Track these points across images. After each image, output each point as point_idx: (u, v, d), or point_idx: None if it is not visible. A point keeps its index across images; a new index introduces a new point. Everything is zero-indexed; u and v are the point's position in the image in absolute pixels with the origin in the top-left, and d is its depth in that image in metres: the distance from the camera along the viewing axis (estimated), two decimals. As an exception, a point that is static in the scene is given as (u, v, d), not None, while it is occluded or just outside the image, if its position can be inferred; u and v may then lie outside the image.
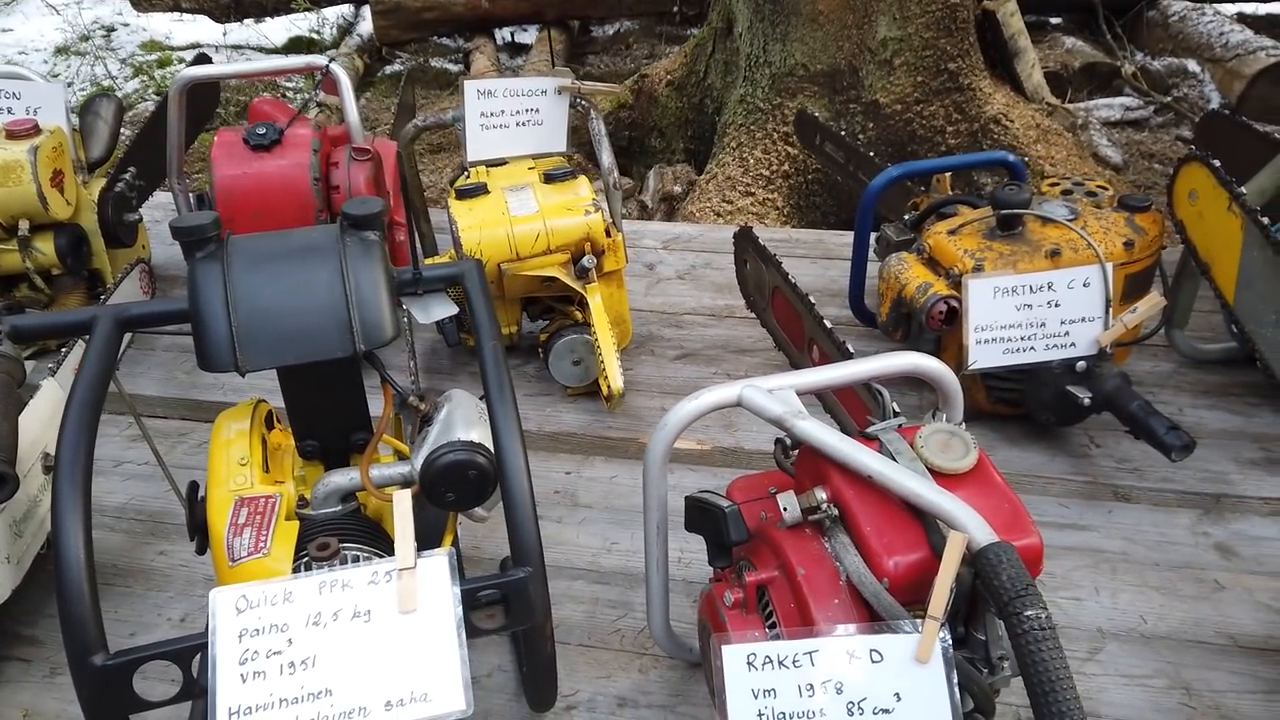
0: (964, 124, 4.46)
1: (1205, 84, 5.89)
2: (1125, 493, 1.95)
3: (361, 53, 6.88)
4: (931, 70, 4.34)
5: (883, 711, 1.13)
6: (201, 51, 3.07)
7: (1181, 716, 1.51)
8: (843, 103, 4.40)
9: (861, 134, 4.42)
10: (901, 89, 4.34)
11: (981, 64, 4.54)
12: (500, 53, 6.93)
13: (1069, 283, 1.85)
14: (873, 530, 1.22)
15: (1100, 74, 5.99)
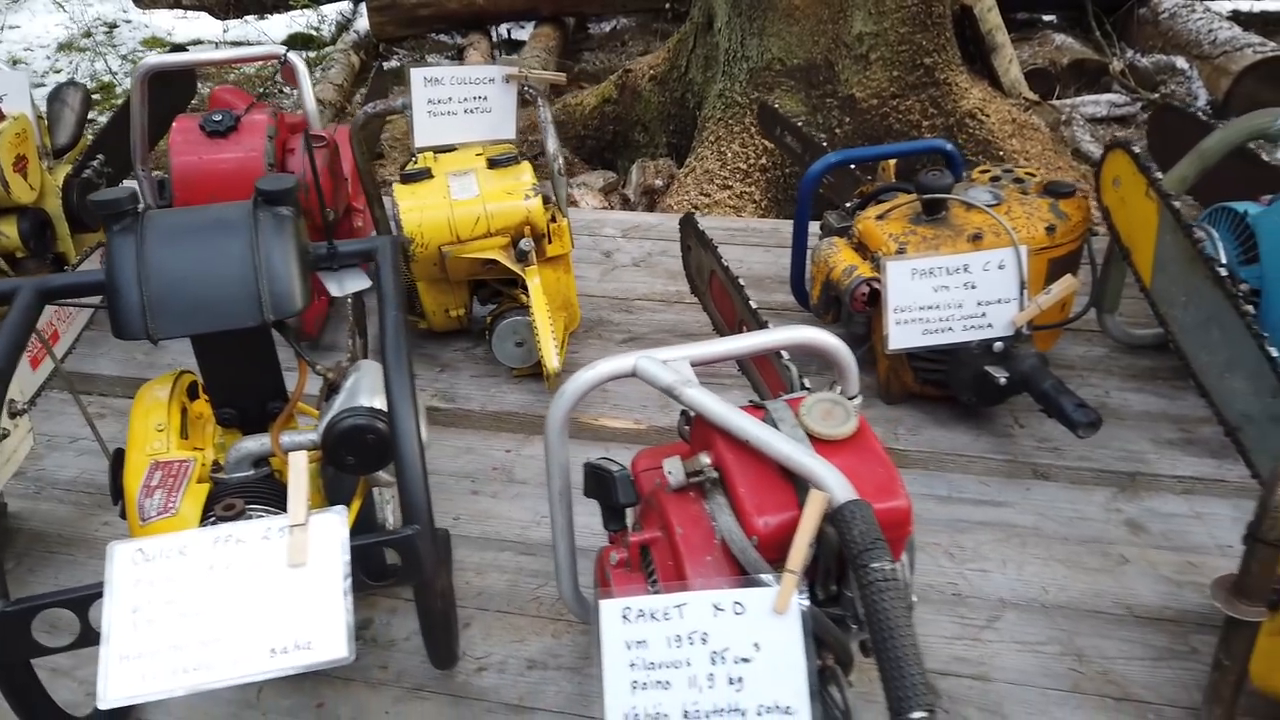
0: (940, 118, 4.49)
1: (1193, 81, 5.91)
2: (1044, 471, 2.00)
3: (358, 49, 6.94)
4: (907, 65, 4.37)
5: (743, 660, 1.18)
6: (175, 44, 3.14)
7: (1068, 681, 1.56)
8: (819, 97, 4.44)
9: (838, 128, 4.46)
10: (877, 84, 4.37)
11: (958, 59, 4.57)
12: (496, 49, 6.99)
13: (984, 265, 1.90)
14: (747, 491, 1.27)
15: (1089, 71, 6.01)
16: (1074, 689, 1.55)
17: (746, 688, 1.17)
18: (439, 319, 2.34)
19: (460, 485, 2.04)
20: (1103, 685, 1.55)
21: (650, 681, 1.20)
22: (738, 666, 1.18)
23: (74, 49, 7.59)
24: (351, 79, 6.47)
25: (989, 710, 1.52)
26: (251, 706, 1.55)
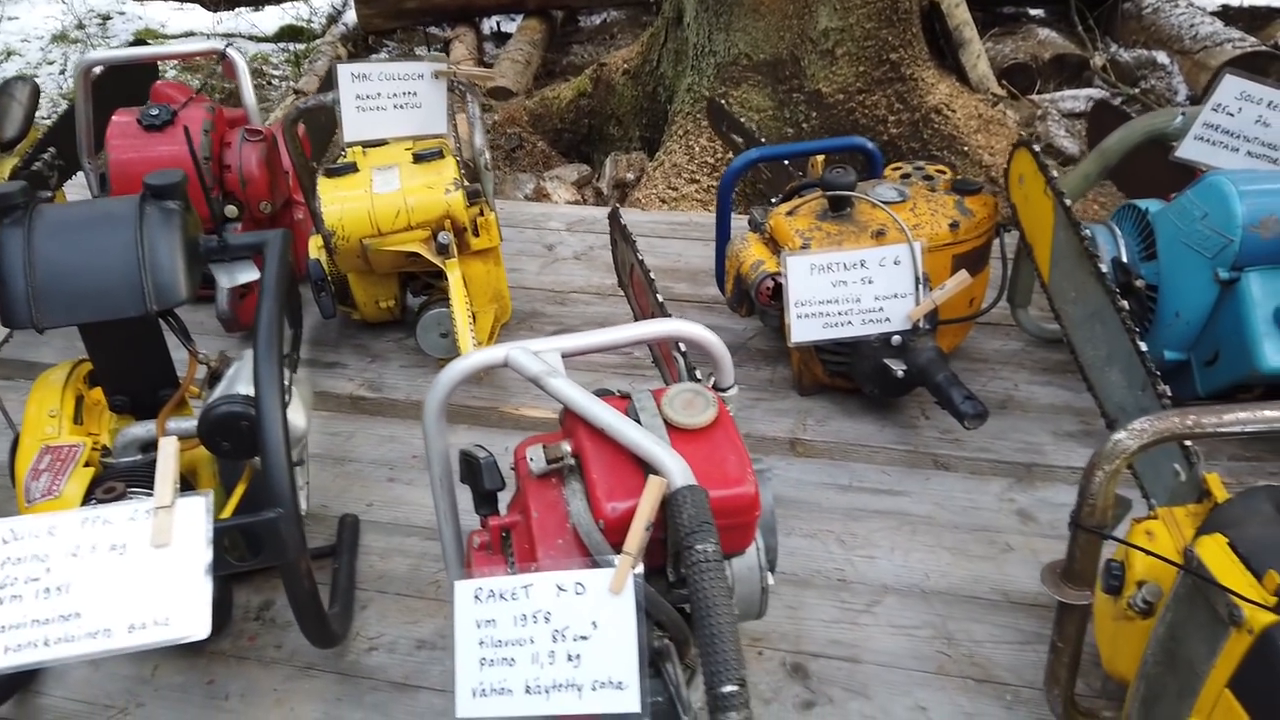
0: (905, 113, 4.52)
1: (1174, 76, 5.91)
2: (945, 461, 2.05)
3: (346, 41, 6.99)
4: (873, 60, 4.41)
5: (581, 638, 1.24)
6: (138, 37, 3.19)
7: (934, 663, 1.61)
8: (786, 92, 4.47)
9: (805, 123, 4.50)
10: (844, 79, 4.40)
11: (925, 54, 4.60)
12: (487, 41, 7.03)
13: (880, 261, 1.94)
14: (599, 478, 1.33)
15: (1070, 65, 6.02)
16: (939, 671, 1.60)
17: (583, 664, 1.23)
18: (370, 310, 2.40)
19: (378, 472, 2.09)
20: (967, 667, 1.60)
21: (497, 658, 1.25)
22: (576, 644, 1.24)
23: (66, 40, 7.66)
24: (337, 71, 6.49)
25: (854, 690, 1.57)
26: (146, 682, 1.61)
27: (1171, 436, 1.19)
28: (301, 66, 6.76)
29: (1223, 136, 2.02)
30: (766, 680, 1.59)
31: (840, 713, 1.54)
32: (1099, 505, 1.24)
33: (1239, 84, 1.98)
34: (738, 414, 2.09)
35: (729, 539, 1.37)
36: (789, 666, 1.62)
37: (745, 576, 1.43)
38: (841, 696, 1.56)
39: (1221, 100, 1.99)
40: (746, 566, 1.43)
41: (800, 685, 1.58)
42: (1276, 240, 1.83)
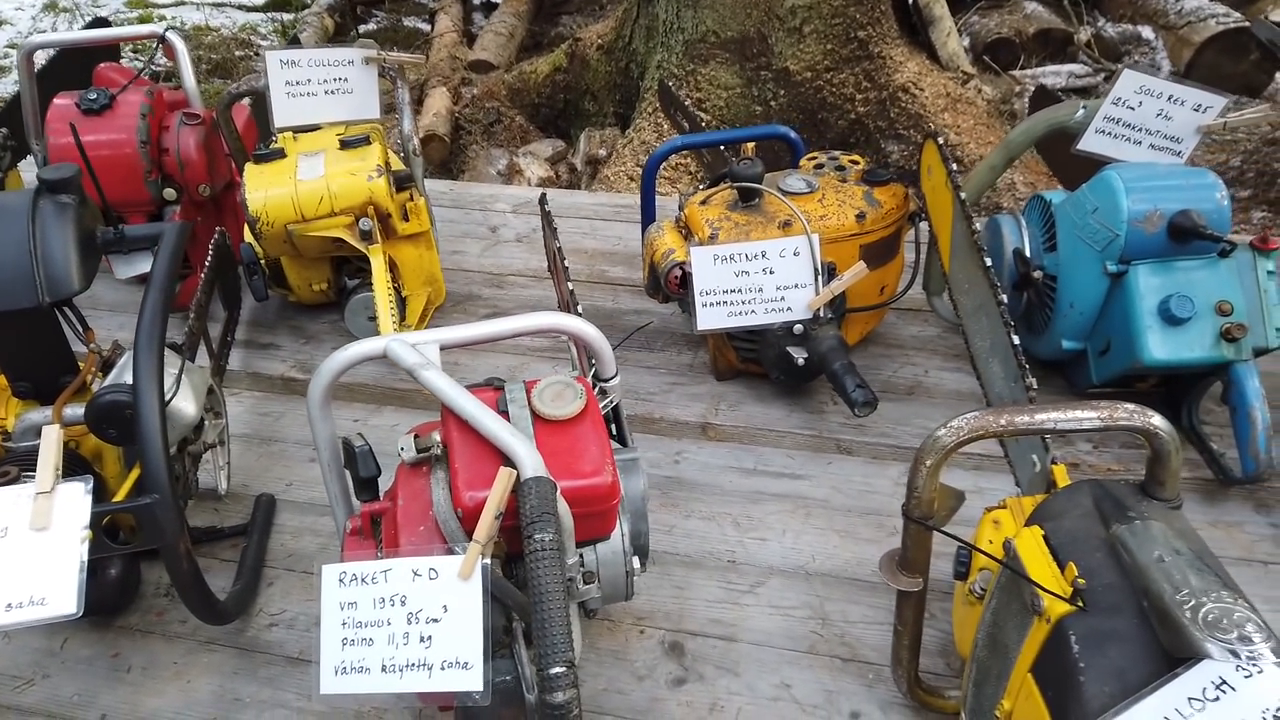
0: (873, 92, 4.54)
1: (1157, 51, 5.91)
2: (847, 447, 2.11)
3: (333, 12, 6.99)
4: (841, 38, 4.42)
5: (433, 621, 1.30)
6: (99, 16, 3.24)
7: (806, 643, 1.68)
8: (754, 69, 4.49)
9: (773, 101, 4.52)
10: (811, 56, 4.42)
11: (894, 32, 4.61)
12: (476, 12, 7.02)
13: (780, 252, 1.99)
14: (462, 467, 1.39)
15: (1055, 40, 6.00)
16: (810, 650, 1.67)
17: (434, 645, 1.29)
18: (305, 293, 2.46)
19: (302, 453, 2.16)
20: (837, 647, 1.67)
21: (358, 639, 1.32)
22: (428, 626, 1.31)
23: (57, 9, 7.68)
24: (324, 43, 6.53)
25: (725, 669, 1.64)
26: (54, 654, 1.69)
27: (985, 434, 1.25)
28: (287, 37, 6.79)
29: (1124, 130, 2.05)
30: (643, 658, 1.66)
31: (709, 690, 1.60)
32: (923, 497, 1.30)
33: (1138, 78, 2.01)
34: (654, 397, 2.17)
35: (588, 526, 1.44)
36: (667, 645, 1.68)
37: (610, 561, 1.49)
38: (712, 674, 1.63)
39: (1121, 94, 2.02)
40: (611, 551, 1.49)
41: (675, 663, 1.65)
42: (1161, 235, 1.87)
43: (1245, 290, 1.87)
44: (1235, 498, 1.92)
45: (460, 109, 5.22)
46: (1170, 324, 1.85)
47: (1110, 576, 1.17)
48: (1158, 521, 1.20)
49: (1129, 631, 1.10)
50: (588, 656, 1.66)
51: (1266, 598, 1.71)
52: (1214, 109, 2.03)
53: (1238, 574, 1.71)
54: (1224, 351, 1.84)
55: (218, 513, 1.98)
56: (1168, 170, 1.96)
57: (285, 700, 1.60)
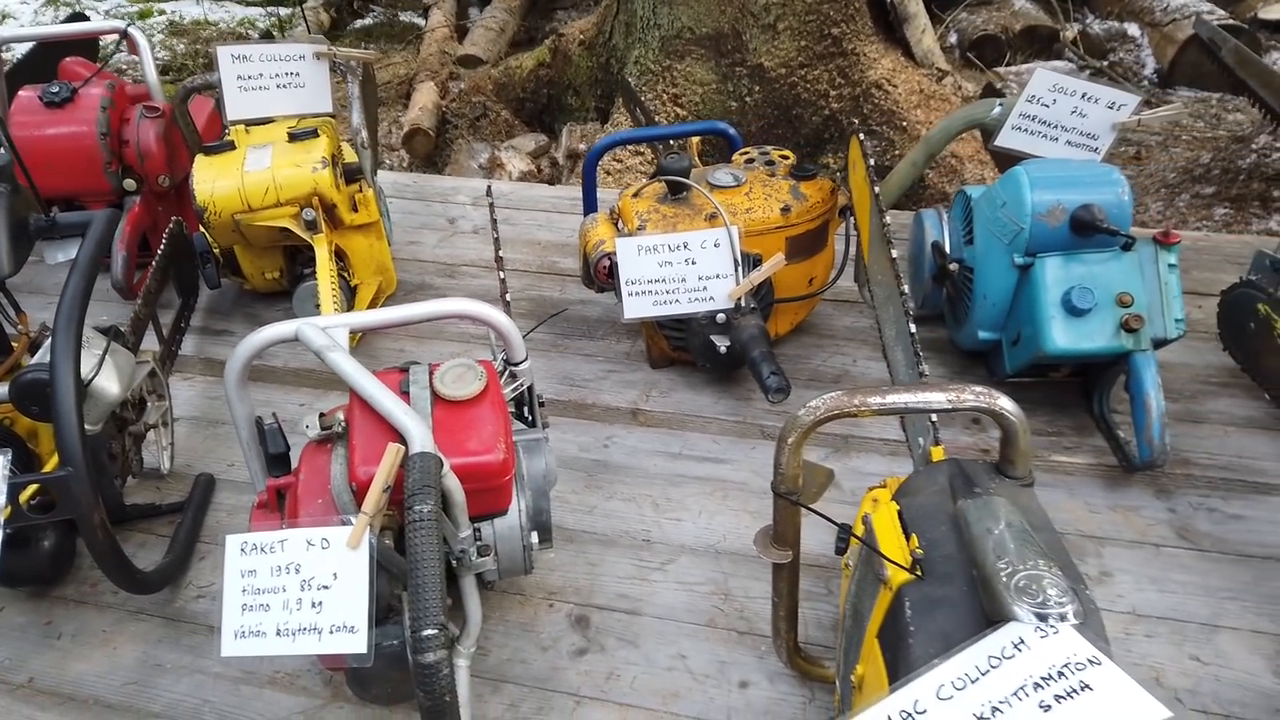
0: (846, 88, 4.59)
1: (1143, 48, 5.94)
2: (771, 432, 2.17)
3: (329, 6, 7.08)
4: (815, 35, 4.47)
5: (324, 588, 1.38)
6: (76, 10, 3.32)
7: (706, 616, 1.75)
8: (729, 65, 4.55)
9: (748, 96, 4.57)
10: (785, 53, 4.47)
11: (869, 29, 4.65)
12: (472, 7, 7.09)
13: (701, 243, 2.06)
14: (360, 444, 1.47)
15: (1041, 37, 6.05)
16: (709, 624, 1.74)
17: (324, 610, 1.37)
18: (258, 281, 2.54)
19: (247, 434, 2.23)
20: (735, 621, 1.74)
21: (256, 604, 1.40)
22: (320, 593, 1.38)
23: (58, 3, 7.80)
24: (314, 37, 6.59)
25: (626, 640, 1.71)
26: (-10, 622, 1.77)
27: (841, 413, 1.32)
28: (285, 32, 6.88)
29: (1040, 126, 2.11)
30: (550, 630, 1.73)
31: (607, 660, 1.68)
32: (788, 474, 1.37)
33: (1051, 77, 2.07)
34: (589, 384, 2.24)
35: (482, 500, 1.52)
36: (574, 618, 1.76)
37: (507, 535, 1.57)
38: (614, 645, 1.70)
39: (1035, 92, 2.08)
40: (508, 526, 1.57)
41: (579, 635, 1.73)
42: (1064, 228, 1.93)
43: (1146, 283, 1.93)
44: (1138, 484, 1.98)
45: (447, 103, 5.29)
46: (1072, 315, 1.91)
47: (949, 548, 1.23)
48: (1000, 497, 1.26)
49: (958, 598, 1.17)
50: (496, 628, 1.74)
51: (1153, 577, 1.77)
52: (1128, 107, 2.09)
53: (1131, 555, 1.79)
54: (1123, 342, 1.90)
55: (159, 491, 2.06)
56: (1074, 166, 2.02)
57: (204, 667, 1.68)
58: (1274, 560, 1.79)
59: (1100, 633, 1.11)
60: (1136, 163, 4.82)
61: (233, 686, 1.64)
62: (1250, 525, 1.87)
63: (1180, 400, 2.17)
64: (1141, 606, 1.72)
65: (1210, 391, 2.18)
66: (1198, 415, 2.12)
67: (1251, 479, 1.96)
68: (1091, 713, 0.94)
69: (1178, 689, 1.57)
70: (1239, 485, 1.95)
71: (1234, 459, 2.00)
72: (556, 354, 2.45)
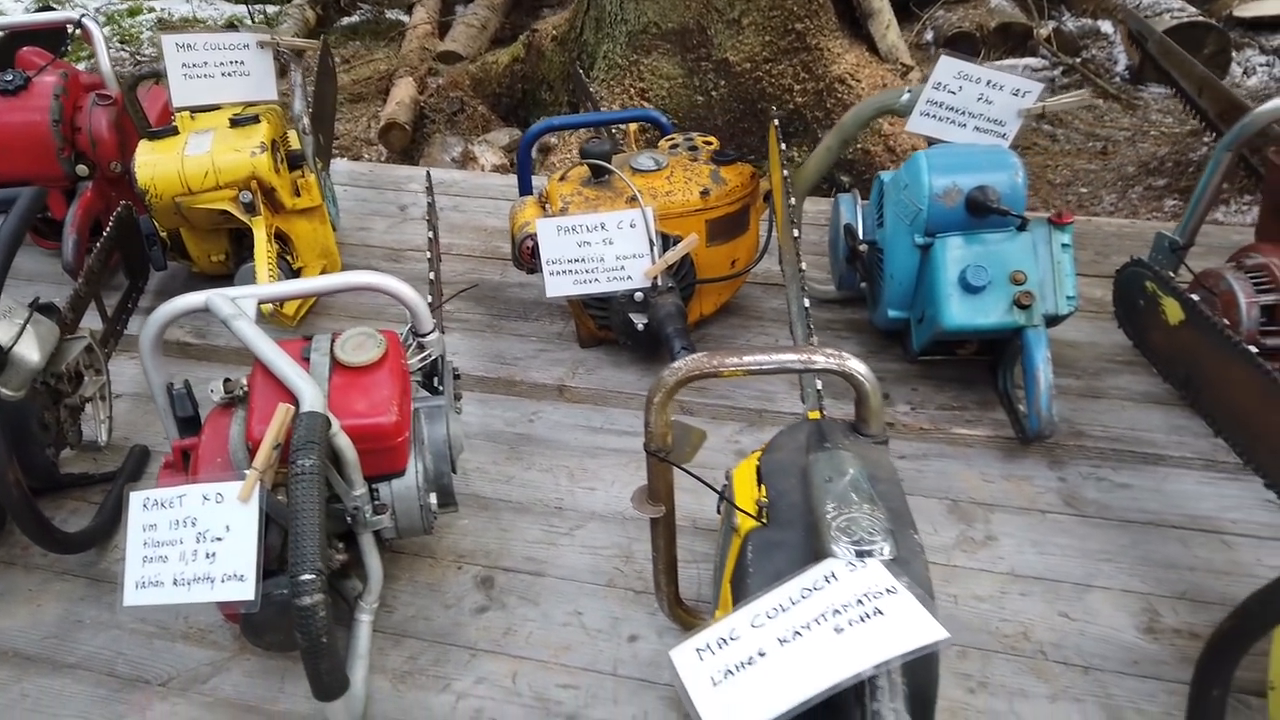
0: (810, 82, 4.66)
1: (1115, 45, 6.00)
2: (690, 408, 2.25)
3: (315, 3, 7.15)
4: (779, 30, 4.54)
5: (217, 540, 1.46)
6: (45, 3, 3.40)
7: (606, 578, 1.83)
8: (694, 60, 4.62)
9: (714, 90, 4.64)
10: (750, 48, 4.54)
11: (833, 25, 4.73)
12: (458, 4, 7.16)
13: (618, 224, 2.14)
14: (258, 406, 1.55)
15: (1016, 34, 6.11)
16: (608, 584, 1.82)
17: (217, 560, 1.45)
18: (204, 263, 2.62)
19: (186, 408, 2.31)
20: (633, 581, 1.81)
21: (155, 556, 1.48)
22: (214, 544, 1.46)
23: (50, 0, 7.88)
24: (304, 35, 6.68)
25: (527, 599, 1.79)
26: (-78, 581, 1.85)
27: (701, 374, 1.39)
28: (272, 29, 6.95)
29: (948, 113, 2.18)
30: (455, 590, 1.81)
31: (507, 616, 1.76)
32: (655, 432, 1.44)
33: (956, 65, 2.14)
34: (519, 362, 2.32)
35: (376, 461, 1.60)
36: (479, 579, 1.84)
37: (404, 495, 1.65)
38: (515, 603, 1.78)
39: (941, 79, 2.15)
40: (405, 487, 1.65)
41: (482, 594, 1.80)
42: (960, 209, 2.00)
43: (1039, 262, 2.01)
44: (1033, 455, 2.05)
45: (425, 98, 5.37)
46: (968, 292, 1.99)
47: (795, 497, 1.31)
48: (847, 451, 1.34)
49: (794, 541, 1.25)
50: (405, 588, 1.81)
51: (1035, 541, 1.85)
52: (1032, 94, 2.16)
53: (1017, 521, 1.87)
54: (1016, 318, 1.98)
55: (96, 462, 2.14)
56: (972, 151, 2.10)
57: (121, 623, 1.76)
58: (1153, 526, 1.86)
59: (921, 572, 1.19)
60: (1103, 158, 4.89)
61: (146, 640, 1.72)
62: (1135, 493, 1.94)
63: (1084, 377, 2.24)
64: (1020, 567, 1.79)
65: (1113, 369, 2.25)
66: (1098, 391, 2.20)
67: (1141, 450, 2.03)
68: (877, 633, 1.02)
69: (1044, 642, 1.65)
70: (1129, 456, 2.02)
71: (1126, 431, 2.08)
72: (491, 334, 2.53)
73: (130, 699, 1.62)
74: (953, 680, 1.59)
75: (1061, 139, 5.18)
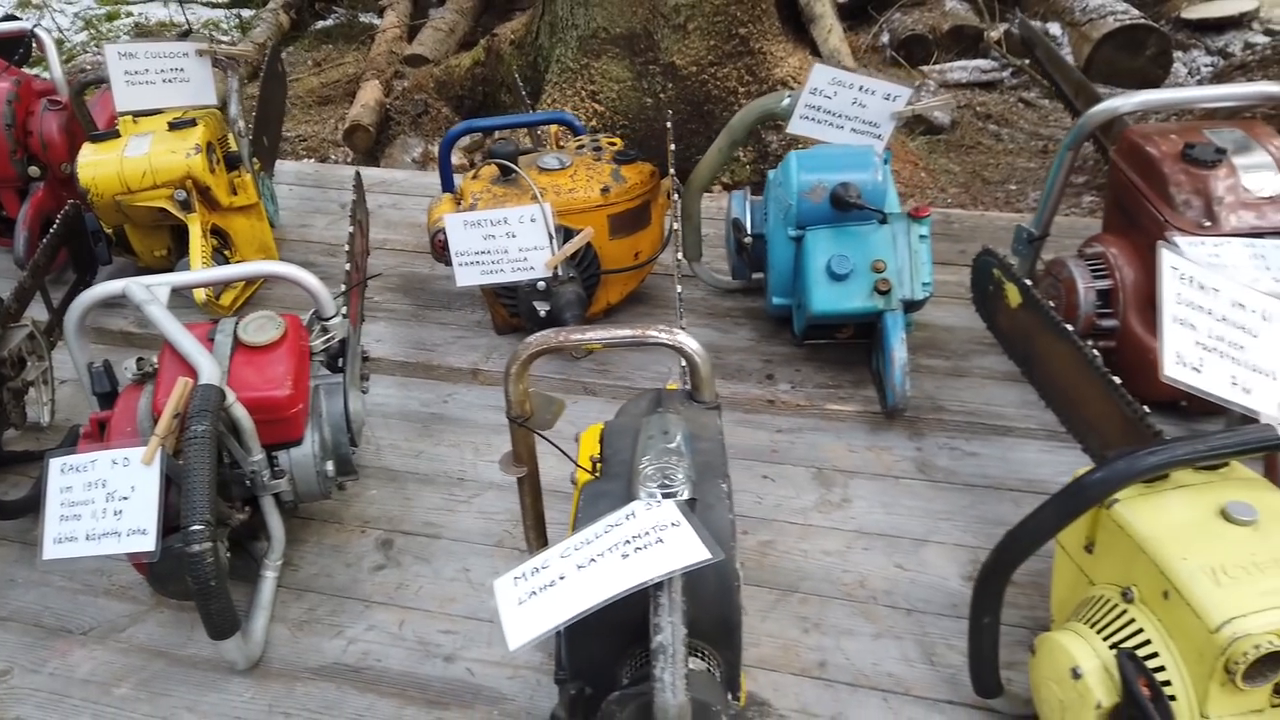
0: (755, 85, 4.83)
1: (1063, 47, 6.18)
2: (592, 388, 2.44)
3: (289, 8, 7.31)
4: (723, 35, 4.71)
5: (124, 499, 1.63)
6: (8, 12, 3.57)
7: (495, 539, 2.01)
8: (643, 64, 4.79)
9: (662, 93, 4.82)
10: (696, 52, 4.71)
11: (777, 29, 4.90)
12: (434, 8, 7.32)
13: (520, 218, 2.32)
14: (164, 381, 1.73)
15: (968, 36, 6.29)
16: (497, 544, 2.00)
17: (124, 517, 1.63)
18: (148, 258, 2.80)
19: (126, 392, 2.49)
20: (519, 542, 1.99)
21: (70, 515, 1.65)
22: (121, 503, 1.64)
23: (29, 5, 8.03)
24: (278, 38, 6.85)
25: (421, 559, 1.97)
26: None
27: (548, 348, 1.57)
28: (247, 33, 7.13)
29: (825, 116, 2.36)
30: (356, 551, 1.99)
31: (402, 573, 1.94)
32: (514, 400, 1.62)
33: (829, 72, 2.33)
34: (438, 348, 2.50)
35: (272, 430, 1.78)
36: (380, 541, 2.02)
37: (301, 462, 1.83)
38: (409, 562, 1.96)
39: (817, 85, 2.33)
40: (302, 455, 1.83)
41: (381, 554, 1.99)
42: (825, 204, 2.19)
43: (898, 252, 2.19)
44: (896, 428, 2.24)
45: (391, 100, 5.54)
46: (834, 280, 2.17)
47: (626, 454, 1.49)
48: (676, 415, 1.52)
49: (618, 491, 1.43)
50: (311, 550, 1.99)
51: (885, 503, 2.04)
52: (902, 98, 2.34)
53: (872, 485, 2.06)
54: (876, 303, 2.16)
55: (39, 441, 2.32)
56: (839, 151, 2.28)
57: (51, 580, 1.93)
58: (991, 489, 2.05)
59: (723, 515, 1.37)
60: (1043, 156, 5.08)
61: (72, 596, 1.90)
62: (981, 461, 2.13)
63: (952, 358, 2.42)
64: (867, 526, 1.98)
65: (979, 351, 2.43)
66: (963, 370, 2.38)
67: (993, 423, 2.22)
68: (654, 556, 1.20)
69: (877, 590, 1.84)
70: (981, 428, 2.21)
71: (983, 406, 2.26)
72: (415, 322, 2.71)
73: (53, 645, 1.80)
74: (791, 622, 1.77)
75: (1006, 138, 5.37)
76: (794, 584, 1.86)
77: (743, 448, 2.20)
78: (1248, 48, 5.62)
